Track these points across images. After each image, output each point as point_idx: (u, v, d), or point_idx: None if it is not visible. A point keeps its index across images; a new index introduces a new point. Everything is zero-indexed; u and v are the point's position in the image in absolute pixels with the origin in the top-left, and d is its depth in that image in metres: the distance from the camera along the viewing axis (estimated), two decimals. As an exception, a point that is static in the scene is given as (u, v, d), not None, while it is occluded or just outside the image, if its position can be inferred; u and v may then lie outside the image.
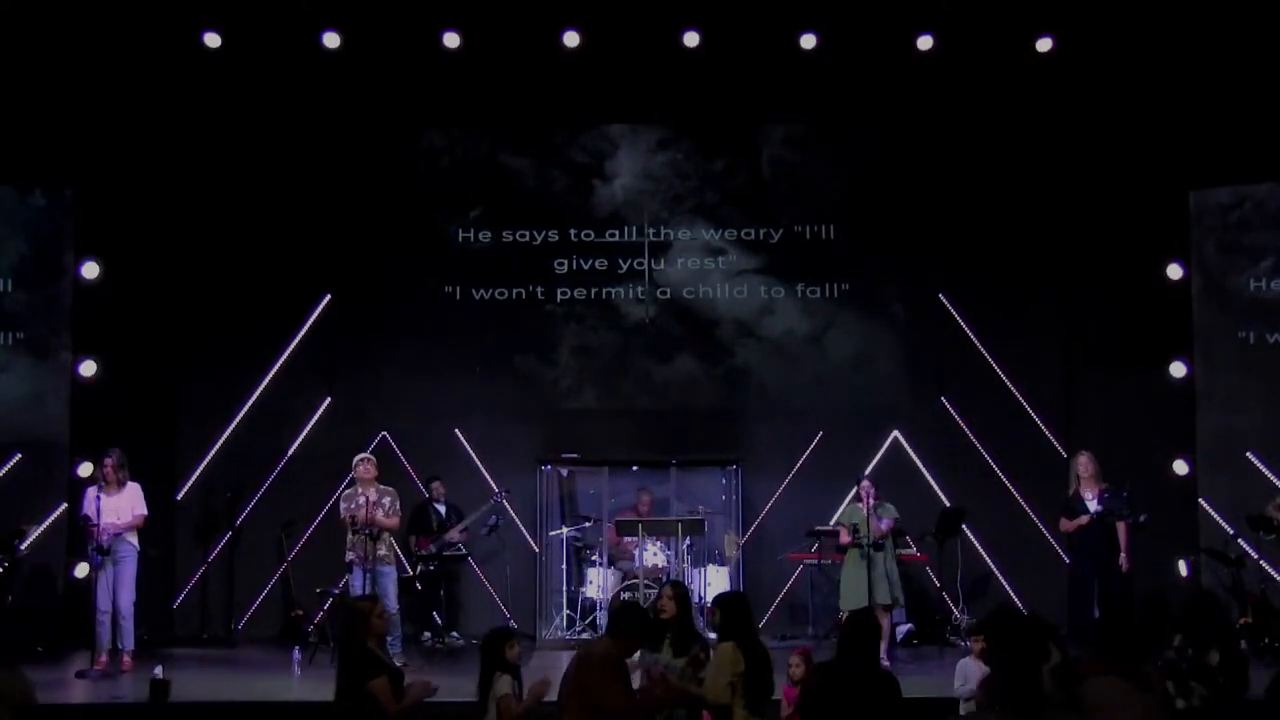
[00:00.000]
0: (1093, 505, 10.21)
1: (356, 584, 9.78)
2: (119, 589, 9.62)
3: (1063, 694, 4.51)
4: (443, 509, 11.52)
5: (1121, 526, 10.09)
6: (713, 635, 7.59)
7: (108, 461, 9.79)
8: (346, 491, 10.13)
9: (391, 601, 9.82)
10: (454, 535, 11.37)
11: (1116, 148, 11.54)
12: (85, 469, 10.94)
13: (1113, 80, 11.45)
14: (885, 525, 9.89)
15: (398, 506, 10.15)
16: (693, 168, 12.56)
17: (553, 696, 6.18)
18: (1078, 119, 11.72)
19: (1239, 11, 10.77)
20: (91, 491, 9.73)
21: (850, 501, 10.25)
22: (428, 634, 11.20)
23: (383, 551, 9.91)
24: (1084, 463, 10.35)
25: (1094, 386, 11.78)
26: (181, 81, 11.63)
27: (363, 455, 10.27)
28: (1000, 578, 11.75)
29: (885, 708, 5.43)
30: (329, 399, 12.18)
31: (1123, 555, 10.10)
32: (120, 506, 9.73)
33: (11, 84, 11.08)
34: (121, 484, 9.79)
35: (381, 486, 10.13)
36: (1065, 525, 10.46)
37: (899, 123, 12.16)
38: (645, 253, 12.44)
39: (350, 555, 9.91)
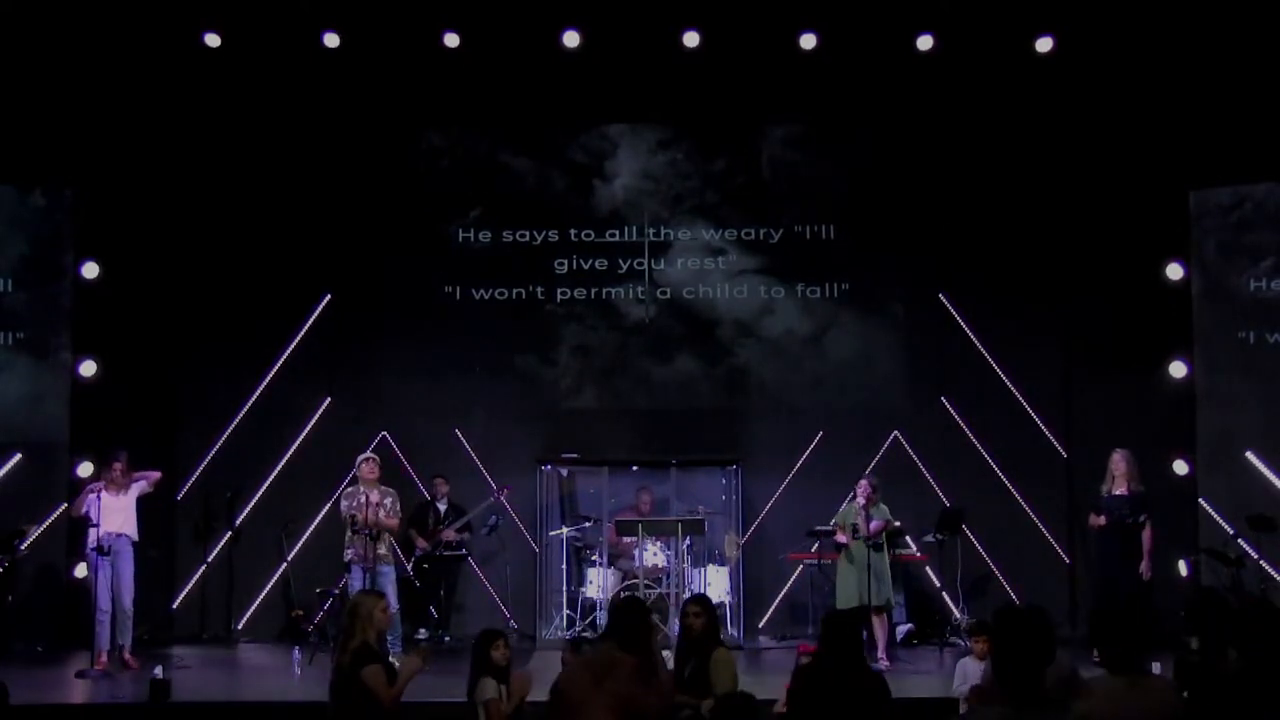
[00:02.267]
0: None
1: (355, 583, 9.78)
2: (120, 587, 9.65)
3: (1065, 695, 4.50)
4: (443, 507, 11.52)
5: (1146, 532, 10.00)
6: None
7: (116, 465, 9.79)
8: (348, 490, 10.15)
9: (391, 601, 9.83)
10: (449, 535, 11.37)
11: (1116, 148, 11.54)
12: (85, 469, 10.95)
13: (1113, 80, 11.45)
14: (875, 526, 9.90)
15: (398, 508, 10.18)
16: (693, 168, 12.56)
17: (538, 695, 6.06)
18: (1078, 119, 11.71)
19: (1239, 11, 10.77)
20: (93, 490, 9.71)
21: (849, 501, 10.24)
22: (423, 631, 11.21)
23: (382, 551, 9.94)
24: (1116, 460, 10.18)
25: (1094, 386, 11.77)
26: (181, 81, 11.64)
27: (366, 455, 10.28)
28: (1000, 578, 11.74)
29: (871, 707, 5.41)
30: (329, 399, 12.18)
31: (1144, 562, 9.98)
32: (125, 506, 9.76)
33: (12, 84, 11.09)
34: (126, 486, 9.81)
35: (383, 488, 10.15)
36: (1092, 521, 10.35)
37: (899, 123, 12.16)
38: (645, 253, 12.44)
39: (349, 554, 9.92)
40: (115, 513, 9.71)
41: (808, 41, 11.58)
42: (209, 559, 11.87)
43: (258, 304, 11.99)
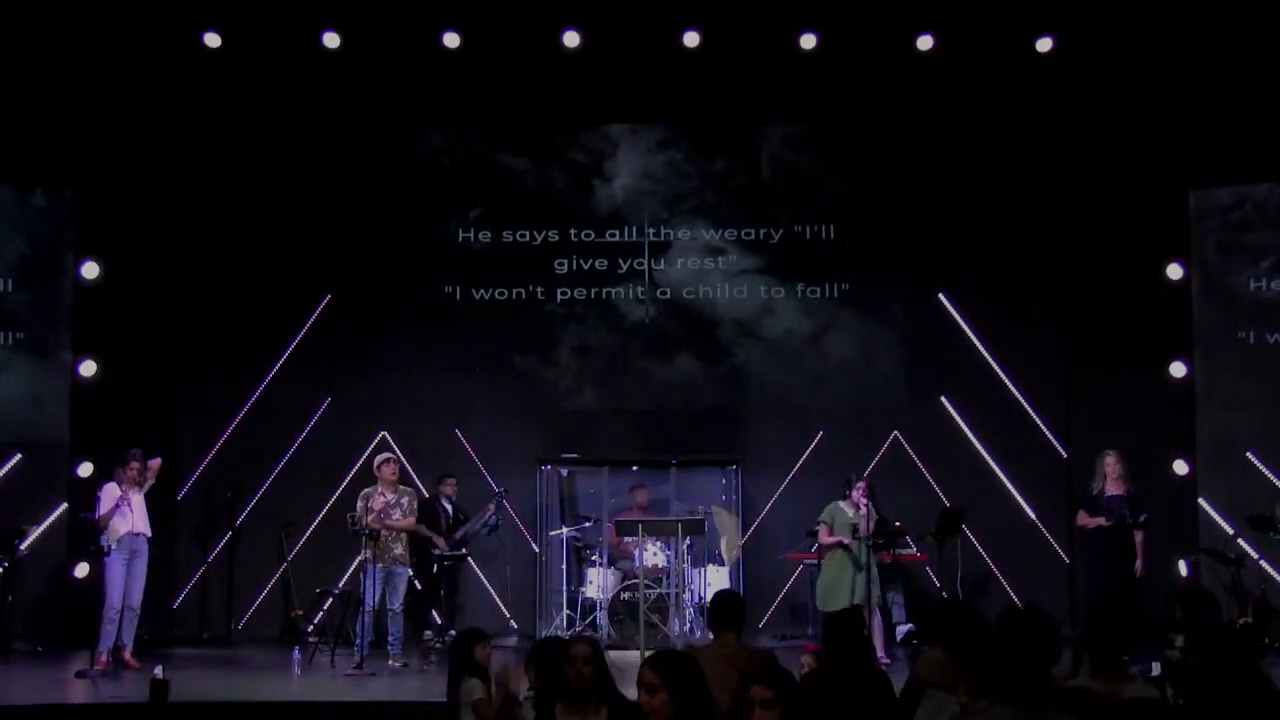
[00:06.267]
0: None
1: (368, 583, 9.77)
2: (134, 586, 9.70)
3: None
4: (450, 508, 11.48)
5: (1139, 532, 9.98)
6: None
7: (134, 464, 9.79)
8: (365, 490, 10.14)
9: (399, 600, 9.86)
10: (457, 536, 11.35)
11: (1116, 148, 11.55)
12: (85, 469, 10.96)
13: (1113, 80, 11.45)
14: (873, 525, 9.88)
15: (415, 506, 10.18)
16: (693, 168, 12.56)
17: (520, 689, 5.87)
18: (1078, 119, 11.72)
19: (1239, 11, 10.78)
20: (113, 490, 9.69)
21: (837, 501, 10.08)
22: (429, 632, 11.20)
23: (399, 551, 9.95)
24: (1111, 462, 10.09)
25: (1094, 386, 11.77)
26: (182, 81, 11.64)
27: (386, 455, 10.25)
28: (1000, 578, 11.74)
29: (879, 706, 5.39)
30: (329, 399, 12.18)
31: (1138, 562, 9.96)
32: (141, 504, 9.80)
33: (12, 84, 11.08)
34: (143, 484, 9.83)
35: (402, 487, 10.15)
36: (1084, 520, 10.17)
37: (899, 123, 12.16)
38: (645, 253, 12.45)
39: (364, 554, 9.90)
40: (139, 510, 9.74)
41: (808, 41, 11.58)
42: (209, 559, 11.88)
43: (258, 304, 11.99)
